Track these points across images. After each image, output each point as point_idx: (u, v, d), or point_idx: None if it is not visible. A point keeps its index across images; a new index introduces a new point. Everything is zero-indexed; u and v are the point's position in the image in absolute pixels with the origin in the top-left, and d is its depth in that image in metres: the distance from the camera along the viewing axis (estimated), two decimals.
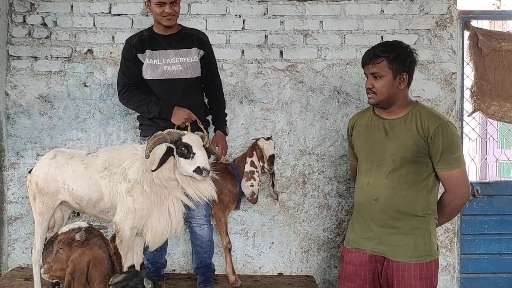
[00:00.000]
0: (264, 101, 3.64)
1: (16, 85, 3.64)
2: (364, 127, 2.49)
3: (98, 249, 2.10)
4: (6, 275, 3.46)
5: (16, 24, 3.65)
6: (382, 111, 2.43)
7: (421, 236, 2.32)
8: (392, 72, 2.31)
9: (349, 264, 2.47)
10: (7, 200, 3.66)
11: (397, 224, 2.34)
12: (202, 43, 3.04)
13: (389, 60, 2.30)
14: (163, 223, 2.59)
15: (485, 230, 3.69)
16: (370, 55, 2.35)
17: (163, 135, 2.52)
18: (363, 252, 2.42)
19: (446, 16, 3.62)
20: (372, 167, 2.40)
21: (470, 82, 3.73)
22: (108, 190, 2.63)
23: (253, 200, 3.21)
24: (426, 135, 2.26)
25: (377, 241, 2.37)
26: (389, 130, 2.37)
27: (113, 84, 3.59)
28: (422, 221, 2.34)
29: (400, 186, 2.32)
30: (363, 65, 2.39)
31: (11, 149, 3.66)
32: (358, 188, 2.50)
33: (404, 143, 2.30)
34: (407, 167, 2.30)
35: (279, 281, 3.47)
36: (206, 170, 2.45)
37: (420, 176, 2.32)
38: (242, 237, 3.67)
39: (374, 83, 2.33)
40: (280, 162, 3.63)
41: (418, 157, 2.29)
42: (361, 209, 2.45)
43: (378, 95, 2.33)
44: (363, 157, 2.47)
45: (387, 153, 2.34)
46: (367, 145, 2.45)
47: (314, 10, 3.63)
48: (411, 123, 2.32)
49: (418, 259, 2.30)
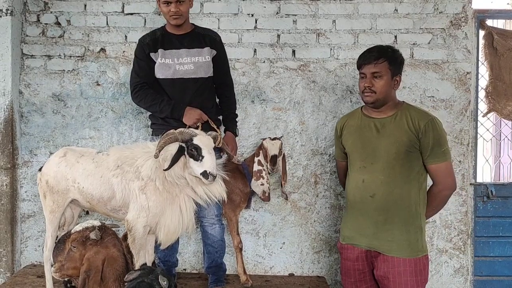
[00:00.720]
0: (276, 100, 3.63)
1: (30, 83, 3.67)
2: (355, 127, 2.58)
3: (113, 247, 2.10)
4: (19, 273, 3.48)
5: (30, 23, 3.68)
6: (371, 110, 2.53)
7: (414, 232, 2.43)
8: (390, 73, 2.45)
9: (346, 260, 2.57)
10: (20, 198, 3.68)
11: (392, 220, 2.42)
12: (215, 43, 3.03)
13: (389, 61, 2.45)
14: (175, 220, 2.60)
15: (499, 232, 3.65)
16: (373, 55, 2.45)
17: (174, 134, 2.52)
18: (358, 248, 2.51)
19: (461, 15, 3.57)
20: (366, 165, 2.48)
21: (485, 82, 3.69)
22: (120, 188, 2.64)
23: (266, 198, 3.23)
24: (417, 131, 2.38)
25: (371, 237, 2.46)
26: (381, 128, 2.47)
27: (125, 83, 3.61)
28: (415, 217, 2.44)
29: (396, 182, 2.41)
30: (362, 65, 2.48)
31: (25, 147, 3.68)
32: (352, 185, 2.56)
33: (397, 139, 2.41)
34: (401, 162, 2.40)
35: (290, 282, 3.46)
36: (212, 175, 2.44)
37: (412, 172, 2.42)
38: (253, 237, 3.66)
39: (374, 82, 2.43)
40: (292, 162, 3.62)
41: (411, 152, 2.39)
42: (356, 206, 2.53)
43: (377, 94, 2.43)
44: (356, 155, 2.55)
45: (381, 150, 2.44)
46: (359, 143, 2.53)
47: (327, 9, 3.61)
48: (401, 120, 2.43)
49: (411, 255, 2.40)
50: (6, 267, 3.58)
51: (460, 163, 3.58)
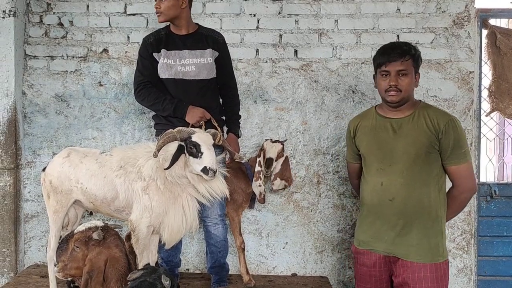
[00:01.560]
0: (279, 100, 3.63)
1: (33, 84, 3.68)
2: (369, 128, 2.49)
3: (115, 248, 2.11)
4: (22, 273, 3.49)
5: (33, 24, 3.69)
6: (388, 110, 2.44)
7: (434, 236, 2.34)
8: (414, 70, 2.37)
9: (362, 265, 2.48)
10: (24, 198, 3.70)
11: (412, 224, 2.34)
12: (217, 44, 3.03)
13: (413, 59, 2.36)
14: (178, 220, 2.60)
15: (503, 232, 3.63)
16: (398, 52, 2.33)
17: (173, 133, 2.52)
18: (376, 253, 2.42)
19: (464, 14, 3.57)
20: (384, 167, 2.39)
21: (488, 81, 3.68)
22: (123, 189, 2.64)
23: (261, 200, 3.22)
24: (437, 131, 2.30)
25: (390, 242, 2.37)
26: (398, 129, 2.38)
27: (128, 83, 3.62)
28: (435, 221, 2.35)
29: (415, 184, 2.33)
30: (386, 63, 2.35)
31: (28, 147, 3.70)
32: (369, 189, 2.47)
33: (415, 140, 2.32)
34: (420, 164, 2.32)
35: (293, 282, 3.46)
36: (212, 171, 2.44)
37: (432, 174, 2.34)
38: (256, 237, 3.66)
39: (400, 80, 2.33)
40: (295, 162, 3.62)
41: (430, 153, 2.31)
42: (374, 210, 2.43)
43: (402, 93, 2.34)
44: (372, 157, 2.45)
45: (399, 151, 2.35)
46: (375, 145, 2.44)
47: (329, 9, 3.60)
48: (420, 120, 2.35)
49: (432, 260, 2.31)
50: (10, 267, 3.59)
51: None
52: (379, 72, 2.41)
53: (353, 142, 2.60)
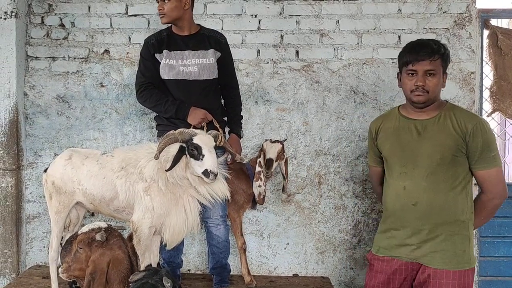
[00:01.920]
0: (280, 101, 3.63)
1: (34, 85, 3.69)
2: (392, 129, 2.37)
3: (118, 249, 2.11)
4: (24, 273, 3.50)
5: (35, 25, 3.70)
6: (412, 111, 2.33)
7: (461, 242, 2.23)
8: (442, 70, 2.25)
9: (381, 273, 2.36)
10: (25, 199, 3.70)
11: (437, 230, 2.24)
12: (219, 44, 3.03)
13: (443, 58, 2.24)
14: (180, 221, 2.59)
15: (504, 233, 3.63)
16: (427, 51, 2.20)
17: (174, 134, 2.52)
18: (398, 260, 2.32)
19: (465, 15, 3.56)
20: (407, 170, 2.28)
21: (489, 81, 3.68)
22: (124, 190, 2.64)
23: (260, 200, 3.22)
24: (464, 133, 2.19)
25: (413, 248, 2.27)
26: (422, 131, 2.27)
27: (129, 84, 3.62)
28: (462, 226, 2.25)
29: (440, 189, 2.23)
30: (414, 62, 2.22)
31: (29, 148, 3.70)
32: (391, 193, 2.36)
33: (441, 143, 2.21)
34: (446, 168, 2.22)
35: (294, 282, 3.46)
36: (213, 173, 2.42)
37: (458, 178, 2.24)
38: (257, 238, 3.66)
39: (427, 81, 2.21)
40: (296, 162, 3.62)
41: (457, 157, 2.21)
42: (396, 215, 2.33)
43: (430, 94, 2.22)
44: (395, 160, 2.34)
45: (423, 154, 2.25)
46: (398, 147, 2.33)
47: (331, 10, 3.60)
48: (446, 122, 2.24)
49: (456, 267, 2.21)
50: (12, 268, 3.59)
51: None
52: (405, 71, 2.28)
53: (375, 144, 2.48)
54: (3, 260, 3.59)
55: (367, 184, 3.60)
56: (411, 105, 2.32)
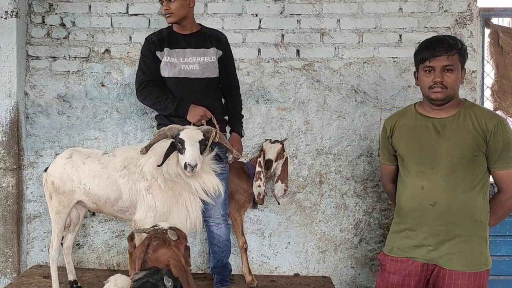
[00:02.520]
0: (281, 100, 3.62)
1: (35, 85, 3.69)
2: (409, 127, 2.34)
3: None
4: (25, 273, 3.50)
5: (35, 25, 3.69)
6: (430, 109, 2.29)
7: (478, 244, 2.21)
8: (460, 66, 2.22)
9: (394, 274, 2.32)
10: (26, 199, 3.70)
11: (455, 231, 2.20)
12: (221, 43, 3.03)
13: (460, 53, 2.20)
14: (182, 219, 2.61)
15: (506, 231, 3.61)
16: (444, 46, 2.17)
17: (164, 131, 2.57)
18: (414, 261, 2.28)
19: (466, 13, 3.56)
20: (425, 170, 2.25)
21: (490, 80, 3.68)
22: (127, 189, 2.65)
23: (259, 201, 3.22)
24: (485, 133, 2.16)
25: (430, 249, 2.24)
26: (441, 129, 2.23)
27: (130, 83, 3.62)
28: (479, 227, 2.23)
29: (458, 189, 2.20)
30: (431, 58, 2.19)
31: (30, 148, 3.70)
32: (408, 192, 2.32)
33: (461, 142, 2.18)
34: (465, 167, 2.19)
35: (295, 282, 3.45)
36: (190, 166, 2.44)
37: (476, 178, 2.21)
38: (258, 237, 3.66)
39: (445, 76, 2.17)
40: (297, 161, 3.61)
41: (476, 156, 2.18)
42: (413, 215, 2.29)
43: (448, 90, 2.18)
44: (412, 159, 2.30)
45: (442, 153, 2.21)
46: (415, 146, 2.29)
47: (331, 9, 3.60)
48: (465, 121, 2.20)
49: (473, 268, 2.18)
50: (13, 267, 3.59)
51: None
52: (422, 68, 2.24)
53: (389, 142, 2.43)
54: (4, 260, 3.58)
55: (368, 183, 3.59)
56: (429, 102, 2.28)
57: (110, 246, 3.70)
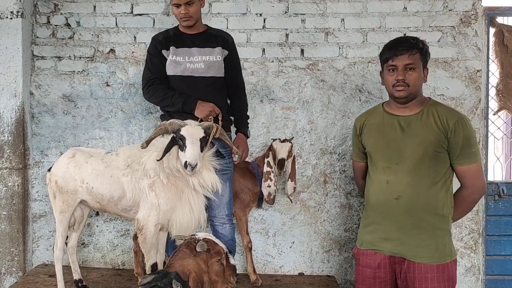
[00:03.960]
0: (285, 100, 3.62)
1: (40, 84, 3.70)
2: (376, 125, 2.43)
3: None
4: (31, 272, 3.52)
5: (40, 25, 3.71)
6: (395, 108, 2.38)
7: (442, 236, 2.30)
8: (422, 65, 2.31)
9: (366, 267, 2.40)
10: (32, 198, 3.72)
11: (419, 224, 2.28)
12: (227, 43, 3.03)
13: (421, 53, 2.30)
14: (186, 215, 2.61)
15: (511, 231, 3.61)
16: (405, 46, 2.27)
17: (165, 125, 2.55)
18: (381, 254, 2.36)
19: (471, 12, 3.55)
20: (391, 165, 2.33)
21: (495, 80, 3.66)
22: (130, 187, 2.65)
23: (270, 200, 3.21)
24: (446, 130, 2.25)
25: (397, 242, 2.31)
26: (406, 127, 2.32)
27: (135, 83, 3.63)
28: (442, 221, 2.31)
29: (422, 184, 2.28)
30: (393, 57, 2.29)
31: (36, 147, 3.72)
32: (374, 187, 2.41)
33: (424, 139, 2.27)
34: (428, 163, 2.27)
35: (300, 281, 3.46)
36: (190, 165, 2.43)
37: (439, 173, 2.29)
38: (262, 236, 3.66)
39: (407, 75, 2.27)
40: (301, 161, 3.61)
41: (439, 153, 2.27)
42: (379, 209, 2.37)
43: (410, 88, 2.27)
44: (379, 155, 2.39)
45: (406, 150, 2.29)
46: (382, 143, 2.38)
47: (336, 8, 3.60)
48: (429, 119, 2.29)
49: (439, 260, 2.27)
50: (18, 266, 3.61)
51: None
52: (386, 68, 2.35)
53: (359, 140, 2.54)
54: (10, 259, 3.60)
55: None
56: (394, 100, 2.37)
57: (115, 245, 3.71)
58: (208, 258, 2.00)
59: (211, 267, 2.01)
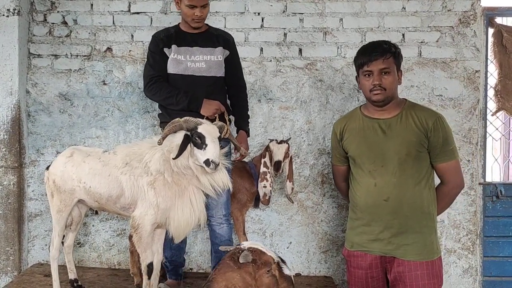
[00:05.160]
0: (283, 99, 3.61)
1: (37, 83, 3.68)
2: (357, 129, 2.46)
3: None
4: (26, 271, 3.49)
5: (37, 23, 3.69)
6: (374, 111, 2.42)
7: (429, 234, 2.35)
8: (396, 68, 2.37)
9: (357, 268, 2.44)
10: (27, 197, 3.69)
11: (407, 223, 2.33)
12: (228, 43, 3.02)
13: (394, 56, 2.35)
14: (186, 213, 2.59)
15: (509, 232, 3.61)
16: (378, 51, 2.33)
17: (180, 122, 2.52)
18: (371, 254, 2.39)
19: (470, 13, 3.54)
20: (376, 168, 2.37)
21: (494, 80, 3.65)
22: (129, 185, 2.63)
23: (265, 201, 3.20)
24: (426, 129, 2.30)
25: (386, 242, 2.35)
26: (386, 129, 2.37)
27: (132, 82, 3.62)
28: (429, 218, 2.37)
29: (408, 184, 2.33)
30: (368, 62, 2.33)
31: (32, 146, 3.69)
32: (362, 190, 2.43)
33: (406, 140, 2.32)
34: (412, 163, 2.32)
35: (297, 282, 3.39)
36: (214, 163, 2.43)
37: (422, 172, 2.35)
38: (259, 237, 3.64)
39: (383, 79, 2.32)
40: (299, 161, 3.60)
41: (420, 152, 2.32)
42: (368, 211, 2.40)
43: (387, 91, 2.33)
44: (363, 159, 2.42)
45: (390, 152, 2.34)
46: (365, 147, 2.41)
47: (334, 8, 3.58)
48: (408, 120, 2.34)
49: (427, 257, 2.32)
50: (14, 265, 3.59)
51: (469, 163, 3.54)
52: (361, 73, 2.40)
53: (340, 145, 2.56)
54: (5, 258, 3.58)
55: None
56: (372, 104, 2.41)
57: (111, 245, 3.69)
58: (255, 270, 1.81)
59: (259, 280, 1.81)
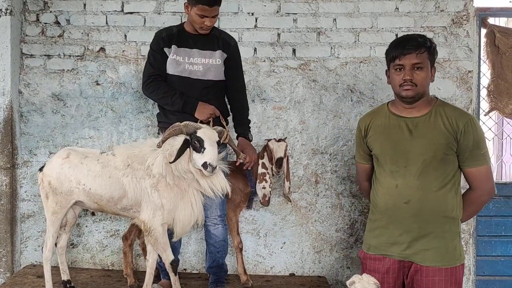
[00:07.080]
0: (277, 99, 3.61)
1: (29, 83, 3.66)
2: (383, 127, 2.36)
3: None
4: (19, 273, 3.47)
5: (30, 23, 3.67)
6: (402, 109, 2.31)
7: (451, 239, 2.26)
8: (429, 64, 2.24)
9: (374, 272, 2.33)
10: (20, 198, 3.67)
11: (429, 227, 2.24)
12: (228, 46, 3.00)
13: (429, 51, 2.23)
14: (188, 214, 2.64)
15: (501, 232, 3.62)
16: (413, 44, 2.20)
17: (179, 126, 2.55)
18: (390, 259, 2.31)
19: (463, 13, 3.55)
20: (399, 169, 2.27)
21: (486, 80, 3.67)
22: (132, 187, 2.64)
23: (265, 202, 3.18)
24: (456, 131, 2.19)
25: (405, 246, 2.27)
26: (413, 129, 2.26)
27: (125, 82, 3.61)
28: (452, 223, 2.27)
29: (431, 187, 2.23)
30: (400, 56, 2.22)
31: (24, 147, 3.67)
32: (383, 191, 2.35)
33: (433, 141, 2.21)
34: (437, 166, 2.22)
35: (290, 282, 3.44)
36: (211, 166, 2.46)
37: (448, 176, 2.24)
38: (253, 237, 3.64)
39: (415, 74, 2.20)
40: (293, 161, 3.60)
41: (448, 155, 2.21)
42: (388, 213, 2.32)
43: (418, 87, 2.21)
44: (386, 158, 2.33)
45: (415, 153, 2.24)
46: (389, 146, 2.31)
47: (328, 8, 3.59)
48: (437, 120, 2.23)
49: (448, 264, 2.23)
50: (6, 267, 3.57)
51: None
52: (392, 67, 2.28)
53: (364, 142, 2.46)
54: None
55: None
56: (400, 100, 2.31)
57: (104, 246, 3.68)
58: None
59: None
